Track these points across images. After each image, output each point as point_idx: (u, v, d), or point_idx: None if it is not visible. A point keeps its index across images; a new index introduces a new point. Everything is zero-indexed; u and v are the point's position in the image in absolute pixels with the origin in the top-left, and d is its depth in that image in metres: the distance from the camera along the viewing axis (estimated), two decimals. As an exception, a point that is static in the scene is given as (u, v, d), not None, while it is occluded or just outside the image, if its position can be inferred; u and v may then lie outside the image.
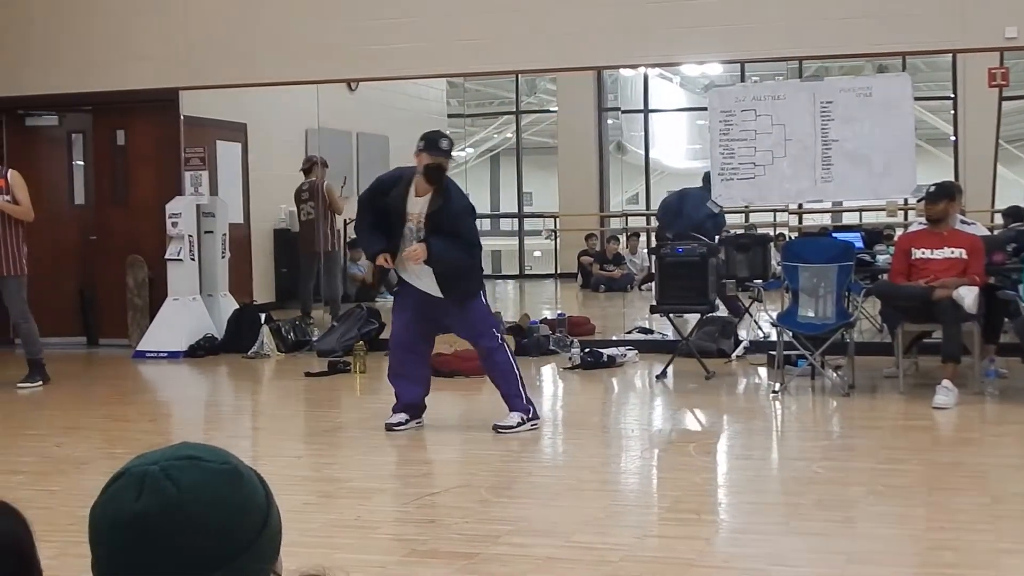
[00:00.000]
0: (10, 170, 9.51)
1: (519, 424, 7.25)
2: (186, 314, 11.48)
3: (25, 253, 9.44)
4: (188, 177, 11.84)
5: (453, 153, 7.42)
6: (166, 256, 11.60)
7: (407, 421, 7.41)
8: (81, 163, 12.68)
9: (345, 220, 16.01)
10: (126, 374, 10.69)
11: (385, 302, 15.77)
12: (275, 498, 1.49)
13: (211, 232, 11.82)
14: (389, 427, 7.34)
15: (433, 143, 7.18)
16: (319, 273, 13.43)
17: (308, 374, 10.01)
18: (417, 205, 7.21)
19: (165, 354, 11.23)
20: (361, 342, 10.42)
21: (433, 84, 17.51)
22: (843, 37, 10.32)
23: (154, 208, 11.81)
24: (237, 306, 11.90)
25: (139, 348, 11.41)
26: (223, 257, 11.94)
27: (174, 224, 11.53)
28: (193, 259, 11.61)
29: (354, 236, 16.25)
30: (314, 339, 11.55)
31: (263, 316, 11.60)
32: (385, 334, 11.42)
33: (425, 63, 11.40)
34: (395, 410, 7.45)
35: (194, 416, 9.20)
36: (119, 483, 1.41)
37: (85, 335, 12.40)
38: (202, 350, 11.28)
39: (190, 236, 11.57)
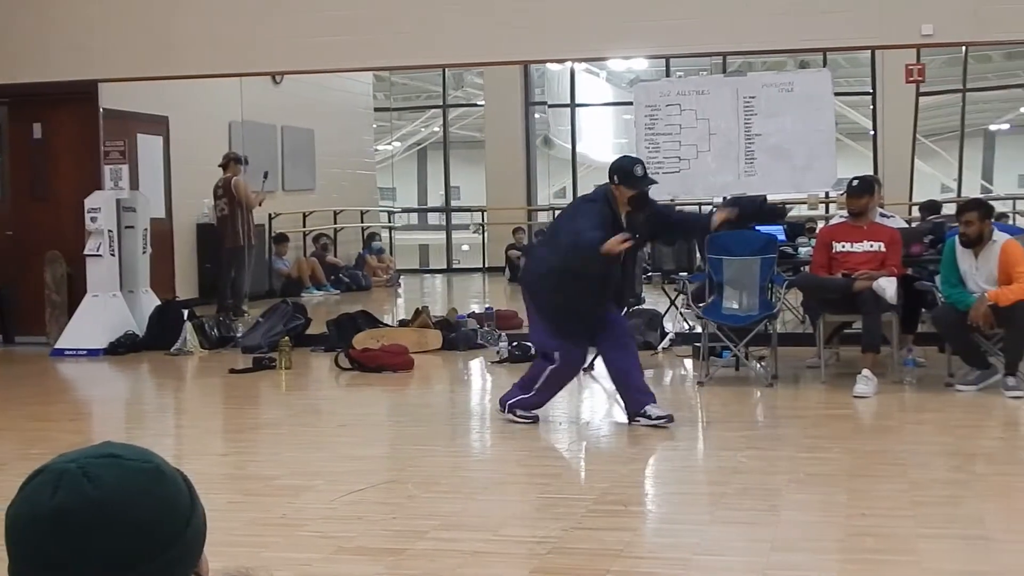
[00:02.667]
0: None
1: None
2: (106, 311, 11.32)
3: None
4: (108, 171, 11.66)
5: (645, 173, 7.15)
6: (85, 252, 11.42)
7: None
8: (-4, 158, 12.45)
9: (271, 215, 15.94)
10: (44, 372, 10.52)
11: (311, 297, 15.74)
12: (200, 498, 1.48)
13: (132, 227, 11.64)
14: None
15: (628, 175, 7.04)
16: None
17: (232, 371, 9.92)
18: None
19: (85, 352, 11.07)
20: (287, 338, 10.33)
21: (359, 77, 17.45)
22: (766, 33, 10.42)
23: (73, 203, 11.63)
24: (159, 302, 11.75)
25: (57, 346, 11.23)
26: (144, 252, 11.78)
27: (93, 219, 11.36)
28: (113, 255, 11.45)
29: (280, 236, 16.27)
30: (239, 335, 11.44)
31: (186, 312, 11.47)
32: (311, 329, 11.39)
33: (351, 56, 11.33)
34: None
35: (116, 415, 9.08)
36: (36, 481, 1.39)
37: (0, 333, 12.18)
38: (123, 347, 11.13)
39: (110, 231, 11.40)
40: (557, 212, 18.42)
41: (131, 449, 1.44)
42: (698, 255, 10.48)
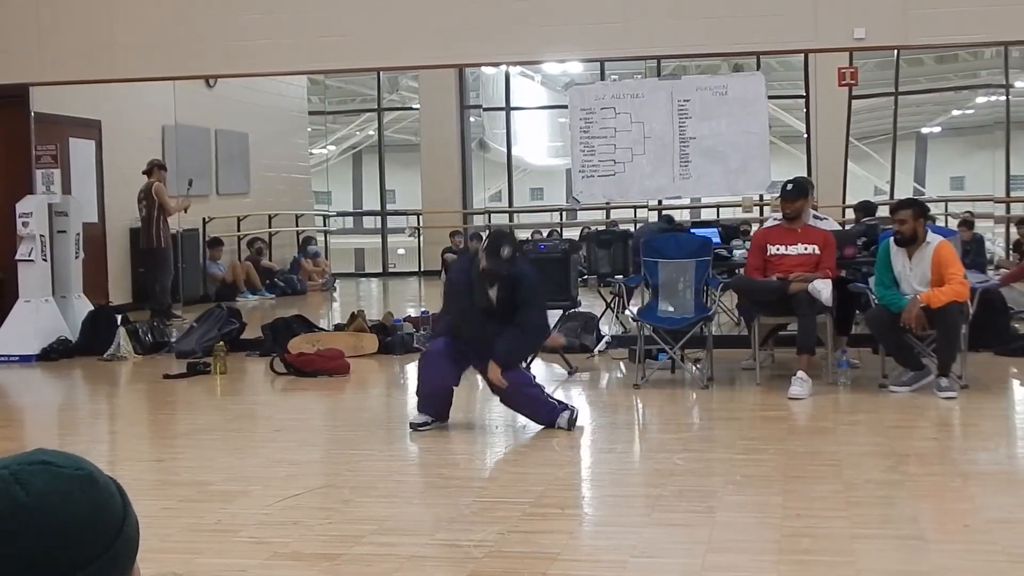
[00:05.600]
0: None
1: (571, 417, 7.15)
2: (38, 316, 11.17)
3: None
4: (39, 175, 11.52)
5: (515, 255, 7.09)
6: (17, 257, 11.26)
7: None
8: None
9: (205, 219, 15.80)
10: (-24, 379, 10.36)
11: (246, 301, 15.62)
12: (133, 504, 1.46)
13: (64, 232, 11.51)
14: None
15: (494, 250, 6.95)
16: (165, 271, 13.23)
17: (167, 376, 9.82)
18: (491, 292, 7.13)
19: (16, 358, 10.92)
20: (221, 342, 10.25)
21: (294, 81, 17.35)
22: (700, 36, 10.48)
23: (3, 207, 11.48)
24: (92, 307, 11.62)
25: (-11, 352, 11.07)
26: (77, 257, 11.64)
27: (25, 224, 11.20)
28: (45, 260, 11.30)
29: (214, 240, 16.12)
30: (172, 340, 11.34)
31: (119, 317, 11.34)
32: (246, 334, 11.32)
33: (285, 59, 11.27)
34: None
35: (48, 421, 8.96)
36: None
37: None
38: (56, 353, 10.99)
39: (42, 236, 11.26)
40: (493, 215, 18.48)
41: (63, 456, 1.42)
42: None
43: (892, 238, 8.23)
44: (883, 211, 11.81)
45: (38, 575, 1.33)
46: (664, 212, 12.38)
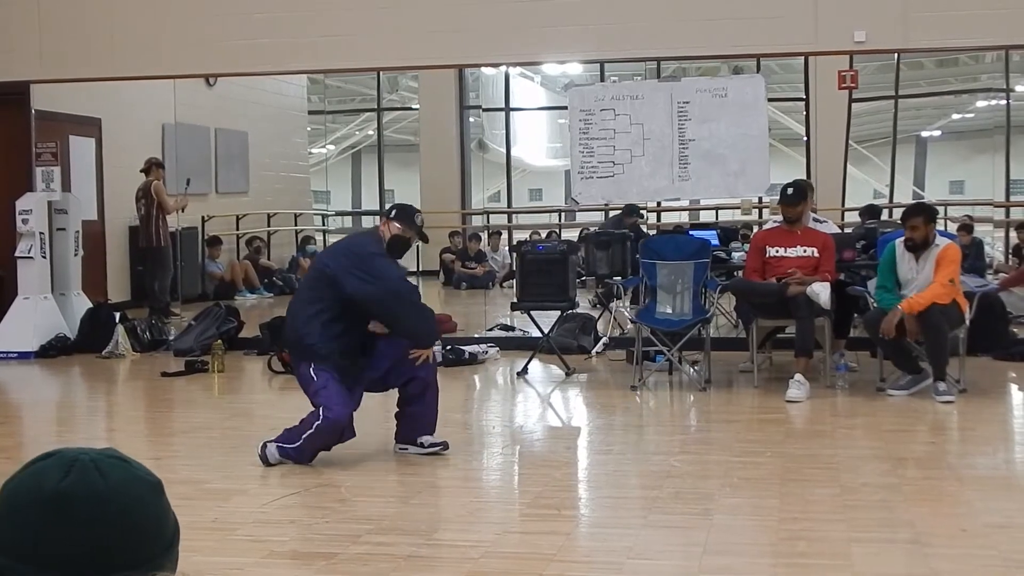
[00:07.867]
0: None
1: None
2: (37, 313, 11.18)
3: None
4: (39, 173, 11.54)
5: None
6: (16, 254, 11.27)
7: None
8: (-76, 158, 12.24)
9: (204, 217, 15.80)
10: (-26, 375, 10.36)
11: (244, 300, 15.62)
12: None
13: (63, 229, 11.53)
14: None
15: (409, 216, 6.62)
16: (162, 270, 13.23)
17: (165, 374, 9.83)
18: None
19: (15, 354, 10.93)
20: (219, 341, 10.25)
21: (293, 80, 17.34)
22: (700, 38, 10.49)
23: (3, 205, 11.48)
24: (91, 305, 11.63)
25: (-12, 348, 11.08)
26: (76, 255, 11.66)
27: (24, 221, 11.22)
28: (44, 257, 11.32)
29: (213, 238, 16.14)
30: (171, 338, 11.34)
31: (118, 315, 11.35)
32: (244, 332, 11.31)
33: (285, 58, 11.27)
34: None
35: (46, 418, 8.96)
36: (46, 462, 1.39)
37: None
38: (54, 350, 11.00)
39: (41, 233, 11.27)
40: (492, 216, 18.48)
41: (134, 460, 1.47)
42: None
43: (904, 243, 8.22)
44: (885, 214, 11.82)
45: (93, 561, 1.34)
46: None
